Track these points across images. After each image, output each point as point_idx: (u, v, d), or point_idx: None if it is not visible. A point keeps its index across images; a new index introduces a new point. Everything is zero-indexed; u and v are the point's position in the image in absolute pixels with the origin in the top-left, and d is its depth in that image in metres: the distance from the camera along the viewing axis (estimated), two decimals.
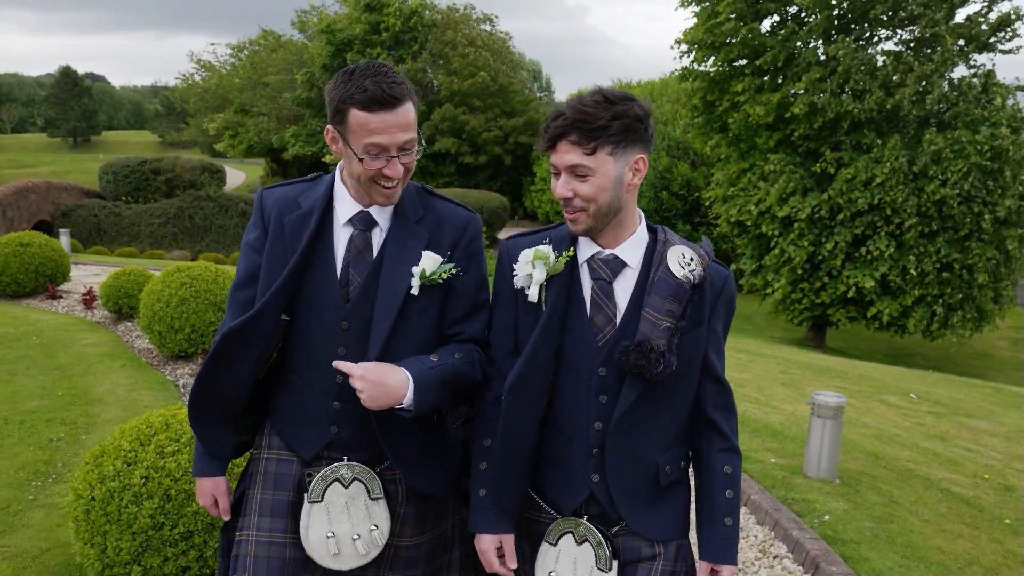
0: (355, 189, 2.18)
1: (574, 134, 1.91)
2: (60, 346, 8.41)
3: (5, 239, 11.22)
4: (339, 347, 2.16)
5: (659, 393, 2.04)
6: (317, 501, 2.16)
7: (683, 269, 2.00)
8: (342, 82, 2.04)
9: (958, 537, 4.90)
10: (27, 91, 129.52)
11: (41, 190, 26.93)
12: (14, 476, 4.97)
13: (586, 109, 1.90)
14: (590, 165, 1.93)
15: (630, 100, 1.95)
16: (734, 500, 2.09)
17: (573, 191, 1.96)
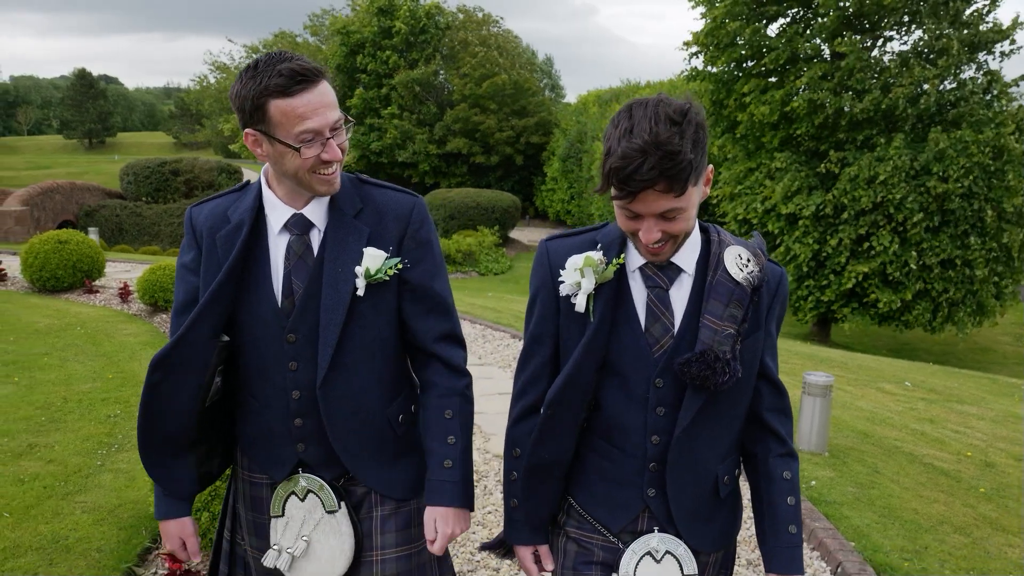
0: (288, 189, 2.02)
1: (663, 183, 1.69)
2: (103, 336, 8.99)
3: (44, 237, 11.83)
4: (290, 361, 2.04)
5: (721, 402, 1.93)
6: (279, 515, 2.13)
7: (741, 271, 1.88)
8: (249, 78, 1.87)
9: (933, 502, 5.39)
10: (43, 93, 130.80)
11: (65, 191, 27.64)
12: (81, 446, 5.53)
13: (672, 149, 1.66)
14: (682, 206, 1.75)
15: (688, 109, 1.72)
16: (796, 506, 2.00)
17: (662, 232, 1.79)
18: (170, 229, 29.67)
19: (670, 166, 1.66)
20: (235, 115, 1.93)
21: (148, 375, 1.97)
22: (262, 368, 2.06)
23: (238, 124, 2.03)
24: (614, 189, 1.74)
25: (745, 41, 20.00)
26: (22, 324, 9.42)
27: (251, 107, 1.86)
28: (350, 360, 2.03)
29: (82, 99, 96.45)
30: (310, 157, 1.89)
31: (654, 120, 1.67)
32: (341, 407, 2.05)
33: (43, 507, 4.53)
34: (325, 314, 1.99)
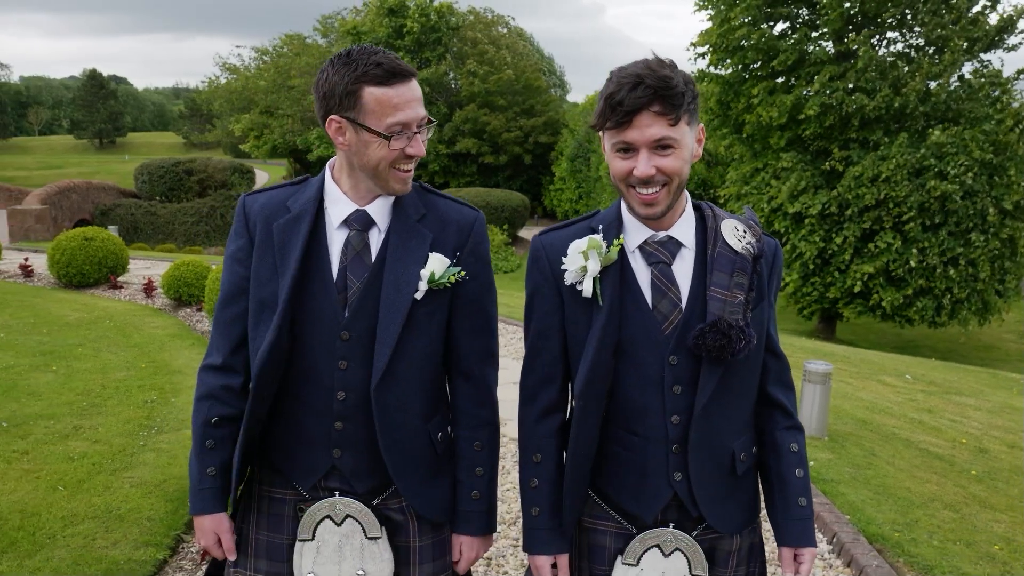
0: (355, 184, 2.00)
1: (658, 104, 1.72)
2: (132, 328, 9.36)
3: (71, 234, 12.21)
4: (339, 360, 1.98)
5: (736, 375, 1.90)
6: (307, 539, 2.03)
7: (740, 242, 1.89)
8: (343, 64, 1.87)
9: (926, 482, 5.71)
10: (54, 94, 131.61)
11: (81, 190, 28.09)
12: (123, 428, 5.88)
13: (666, 74, 1.72)
14: (677, 137, 1.76)
15: (676, 67, 1.79)
16: (804, 479, 1.98)
17: (657, 167, 1.77)
18: (184, 228, 30.08)
19: (664, 87, 1.71)
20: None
21: (257, 383, 1.93)
22: (310, 367, 1.99)
23: (317, 113, 1.95)
24: (609, 120, 1.77)
25: (752, 44, 20.29)
26: (53, 317, 9.80)
27: (343, 92, 1.86)
28: (402, 366, 1.98)
29: (93, 99, 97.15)
30: (397, 149, 1.88)
31: (646, 60, 1.77)
32: (391, 413, 1.99)
33: (94, 482, 4.88)
34: (386, 313, 1.95)
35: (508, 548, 4.41)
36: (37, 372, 7.31)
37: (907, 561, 4.30)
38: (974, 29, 18.98)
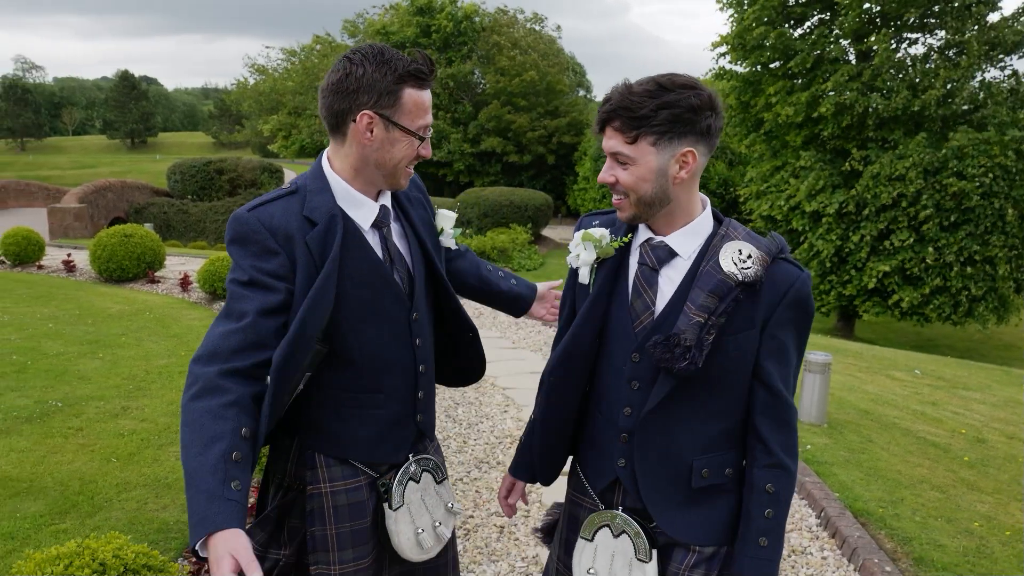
0: (366, 182, 2.08)
1: (617, 121, 1.85)
2: (170, 320, 9.87)
3: (111, 231, 12.79)
4: (416, 338, 2.16)
5: (695, 391, 1.94)
6: (400, 506, 2.13)
7: (735, 265, 1.88)
8: (381, 63, 1.94)
9: (917, 466, 6.03)
10: (87, 94, 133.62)
11: (117, 189, 28.82)
12: (166, 408, 6.35)
13: (632, 97, 1.82)
14: (630, 154, 1.86)
15: (688, 88, 1.83)
16: (775, 520, 1.94)
17: (615, 177, 1.91)
18: (215, 226, 30.73)
19: (623, 107, 1.82)
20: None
21: (275, 376, 1.85)
22: (389, 358, 2.11)
23: (333, 107, 1.98)
24: (595, 123, 1.94)
25: (771, 44, 20.54)
26: (96, 309, 10.34)
27: (384, 90, 1.92)
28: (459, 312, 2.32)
29: (125, 100, 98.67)
30: (416, 149, 2.02)
31: (644, 79, 1.87)
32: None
33: (143, 455, 5.34)
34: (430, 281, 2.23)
35: (519, 518, 4.82)
36: (85, 359, 7.82)
37: (888, 533, 4.65)
38: (995, 33, 19.11)
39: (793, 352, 1.95)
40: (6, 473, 4.96)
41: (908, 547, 4.49)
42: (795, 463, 1.98)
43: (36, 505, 4.53)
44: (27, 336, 8.71)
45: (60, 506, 4.53)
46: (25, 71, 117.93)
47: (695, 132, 1.85)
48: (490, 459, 5.82)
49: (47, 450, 5.37)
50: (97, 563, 2.71)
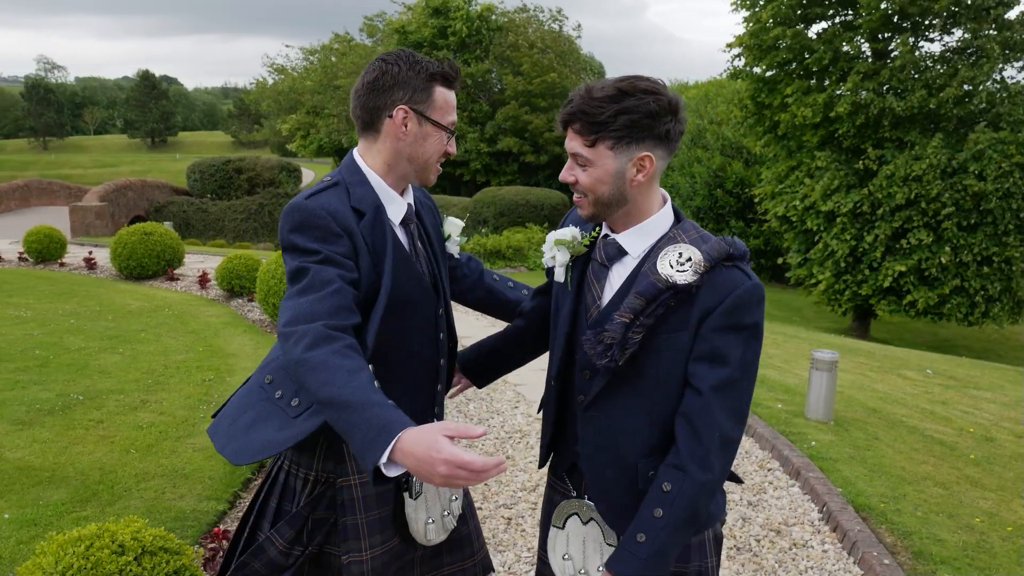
0: (397, 179, 2.18)
1: (577, 124, 1.90)
2: (189, 316, 10.04)
3: (132, 229, 13.00)
4: (440, 332, 2.28)
5: (634, 390, 1.97)
6: (419, 495, 2.22)
7: (670, 268, 1.89)
8: (414, 62, 2.08)
9: (922, 463, 6.09)
10: (108, 94, 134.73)
11: (137, 188, 29.15)
12: (184, 402, 6.50)
13: (592, 102, 1.87)
14: (588, 156, 1.91)
15: (648, 94, 1.87)
16: (660, 521, 1.89)
17: (575, 177, 1.96)
18: (234, 224, 31.02)
19: (582, 111, 1.87)
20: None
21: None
22: (415, 350, 2.21)
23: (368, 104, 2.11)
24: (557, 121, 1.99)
25: (787, 44, 20.54)
26: (117, 306, 10.54)
27: (417, 86, 2.07)
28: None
29: (145, 99, 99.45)
30: (445, 146, 2.16)
31: (606, 82, 1.89)
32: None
33: (161, 446, 5.49)
34: (444, 279, 2.32)
35: (526, 509, 4.93)
36: (105, 353, 8.00)
37: (888, 528, 4.72)
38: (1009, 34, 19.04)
39: (732, 361, 1.88)
40: (29, 463, 5.12)
41: (908, 541, 4.57)
42: (706, 474, 1.87)
43: (58, 493, 4.68)
44: (49, 331, 8.91)
45: (81, 495, 4.68)
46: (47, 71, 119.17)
47: (653, 137, 1.89)
48: (500, 454, 5.94)
49: (69, 441, 5.53)
50: (116, 545, 2.83)
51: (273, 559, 2.17)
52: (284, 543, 2.16)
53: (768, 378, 8.19)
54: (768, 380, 8.08)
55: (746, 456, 5.97)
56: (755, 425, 6.45)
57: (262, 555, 2.17)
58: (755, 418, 6.66)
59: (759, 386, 7.79)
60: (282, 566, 2.18)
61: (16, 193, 34.87)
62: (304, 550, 2.18)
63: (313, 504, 2.16)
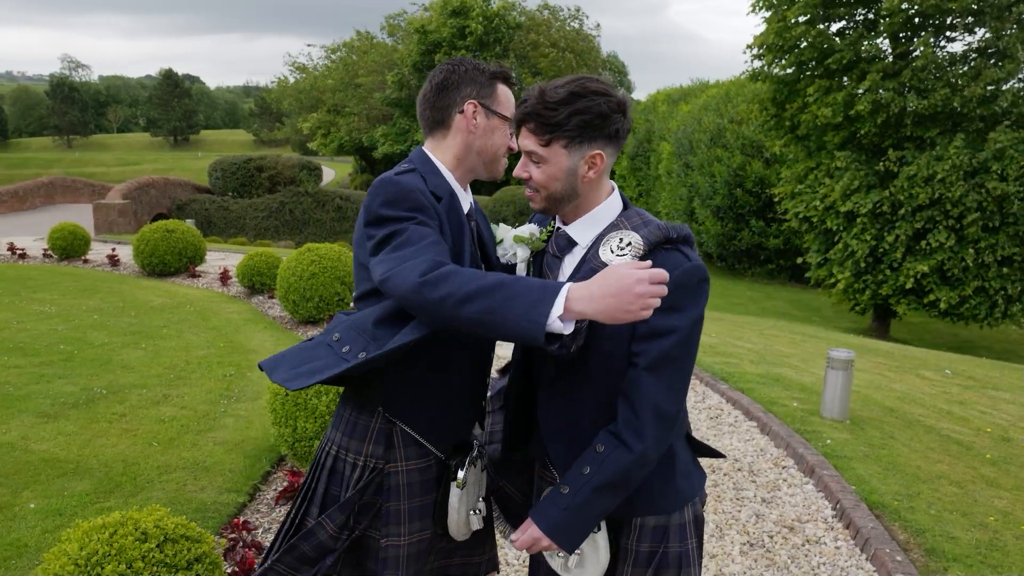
0: (464, 173, 2.29)
1: (532, 123, 1.99)
2: (210, 313, 10.17)
3: (154, 226, 13.16)
4: None
5: (583, 372, 2.04)
6: (465, 486, 2.25)
7: (611, 254, 1.97)
8: (478, 64, 2.22)
9: (938, 462, 6.09)
10: (131, 93, 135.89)
11: (159, 186, 29.40)
12: (205, 397, 6.61)
13: (547, 103, 1.96)
14: (543, 155, 2.00)
15: (599, 95, 1.97)
16: (585, 479, 1.96)
17: (529, 174, 2.06)
18: (255, 222, 31.23)
19: (537, 113, 1.97)
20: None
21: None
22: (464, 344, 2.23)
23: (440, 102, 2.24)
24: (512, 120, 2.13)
25: (809, 44, 20.46)
26: (139, 302, 10.69)
27: (485, 83, 2.22)
28: None
29: (168, 98, 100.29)
30: (510, 140, 2.28)
31: (559, 84, 1.99)
32: None
33: (183, 440, 5.59)
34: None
35: None
36: (128, 349, 8.12)
37: (902, 525, 4.74)
38: None
39: (670, 339, 1.93)
40: (54, 455, 5.23)
41: (921, 538, 4.59)
42: (639, 444, 1.93)
43: (82, 484, 4.78)
44: (74, 327, 9.05)
45: (105, 486, 4.78)
46: (72, 70, 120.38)
47: (604, 136, 2.00)
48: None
49: (93, 434, 5.64)
50: (140, 532, 2.92)
51: (322, 542, 2.22)
52: (335, 528, 2.21)
53: (784, 377, 8.20)
54: (784, 379, 8.09)
55: (761, 454, 6.00)
56: (770, 423, 6.48)
57: (312, 538, 2.22)
58: (770, 416, 6.68)
59: (775, 385, 7.81)
60: (330, 549, 2.23)
61: (41, 191, 35.27)
62: (351, 534, 2.23)
63: (363, 490, 2.21)
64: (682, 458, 2.17)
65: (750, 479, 5.54)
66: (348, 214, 32.27)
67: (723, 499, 5.20)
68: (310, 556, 2.23)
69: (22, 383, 6.83)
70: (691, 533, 2.17)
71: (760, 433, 6.48)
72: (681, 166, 34.67)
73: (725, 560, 4.40)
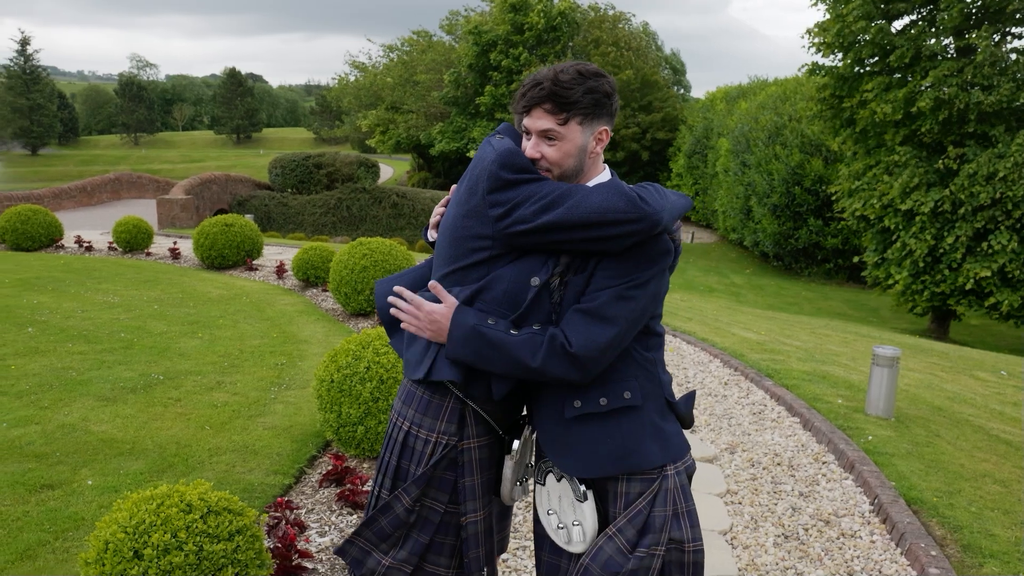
0: None
1: (549, 103, 2.11)
2: (265, 304, 10.44)
3: (213, 220, 13.54)
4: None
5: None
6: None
7: None
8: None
9: (983, 461, 6.02)
10: (196, 92, 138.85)
11: (221, 182, 30.11)
12: (256, 384, 6.82)
13: (563, 83, 2.10)
14: (561, 132, 2.13)
15: (601, 76, 2.16)
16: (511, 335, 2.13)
17: (541, 154, 2.16)
18: (313, 218, 31.76)
19: (559, 92, 2.11)
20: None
21: None
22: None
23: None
24: (517, 108, 2.20)
25: (869, 39, 20.12)
26: (198, 293, 11.02)
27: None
28: None
29: (231, 97, 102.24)
30: None
31: (565, 67, 2.15)
32: None
33: (233, 424, 5.79)
34: None
35: None
36: (185, 338, 8.40)
37: (940, 521, 4.72)
38: None
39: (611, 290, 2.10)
40: (112, 436, 5.47)
41: (958, 534, 4.56)
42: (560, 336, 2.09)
43: (137, 464, 5.00)
44: (135, 316, 9.38)
45: (158, 466, 4.99)
46: (140, 69, 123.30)
47: (609, 113, 2.20)
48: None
49: (149, 417, 5.87)
50: (185, 504, 3.08)
51: (399, 516, 2.32)
52: (410, 501, 2.31)
53: (831, 374, 8.15)
54: (831, 376, 8.05)
55: (801, 449, 6.00)
56: (813, 419, 6.46)
57: (389, 512, 2.33)
58: (813, 412, 6.67)
59: (821, 382, 7.77)
60: (405, 523, 2.33)
61: (108, 186, 36.32)
62: (422, 507, 2.33)
63: (436, 465, 2.29)
64: (652, 421, 2.24)
65: (789, 473, 5.55)
66: (404, 211, 32.62)
67: (760, 492, 5.22)
68: (387, 532, 2.35)
69: (85, 368, 7.12)
70: (673, 500, 2.24)
71: (802, 429, 6.47)
72: (738, 164, 34.34)
73: (758, 551, 4.44)
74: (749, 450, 5.97)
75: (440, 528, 2.36)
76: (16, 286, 11.04)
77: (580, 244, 2.10)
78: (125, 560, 2.92)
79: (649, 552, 2.18)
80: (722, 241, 40.86)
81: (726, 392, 7.52)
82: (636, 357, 2.23)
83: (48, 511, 4.33)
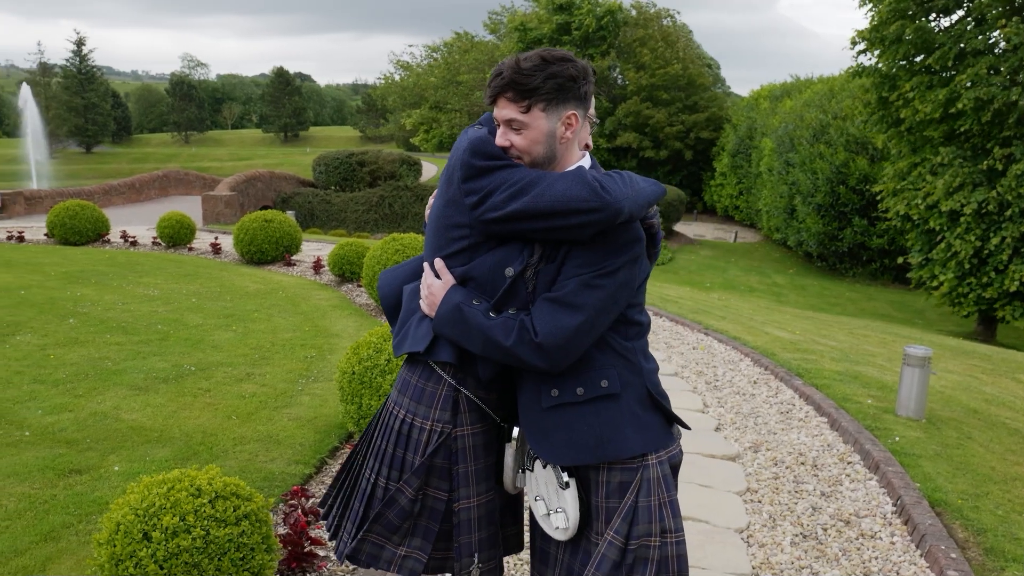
0: None
1: (511, 92, 2.13)
2: (300, 299, 10.58)
3: (253, 216, 13.74)
4: None
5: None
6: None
7: None
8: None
9: (1016, 464, 5.90)
10: (245, 91, 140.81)
11: (265, 179, 30.54)
12: (285, 376, 6.92)
13: (523, 71, 2.11)
14: (524, 120, 2.14)
15: (566, 61, 2.14)
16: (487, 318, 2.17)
17: (509, 142, 2.18)
18: (355, 215, 32.07)
19: (514, 81, 2.12)
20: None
21: None
22: None
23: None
24: (487, 99, 2.21)
25: (912, 37, 19.74)
26: (236, 287, 11.20)
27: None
28: None
29: (279, 96, 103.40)
30: None
31: (528, 55, 2.15)
32: None
33: (259, 415, 5.89)
34: None
35: None
36: (220, 330, 8.55)
37: (963, 524, 4.64)
38: None
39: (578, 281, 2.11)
40: (141, 424, 5.59)
41: (981, 537, 4.48)
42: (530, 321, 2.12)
43: (163, 451, 5.11)
44: (172, 309, 9.57)
45: (184, 453, 5.10)
46: (191, 68, 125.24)
47: (576, 97, 2.18)
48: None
49: (178, 406, 6.00)
50: (194, 488, 3.15)
51: (404, 507, 2.36)
52: (412, 492, 2.34)
53: (864, 375, 8.04)
54: (863, 376, 7.93)
55: (827, 449, 5.93)
56: (840, 419, 6.38)
57: (394, 505, 2.37)
58: (841, 412, 6.58)
59: (852, 382, 7.66)
60: (411, 513, 2.37)
61: (156, 183, 37.01)
62: (424, 496, 2.37)
63: (433, 454, 2.32)
64: (632, 410, 2.24)
65: (812, 473, 5.49)
66: None
67: (781, 491, 5.18)
68: (396, 524, 2.38)
69: (120, 359, 7.29)
70: (656, 490, 2.25)
71: (829, 429, 6.39)
72: (782, 163, 33.94)
73: (774, 550, 4.40)
74: (773, 449, 5.92)
75: (446, 516, 2.39)
76: (61, 279, 11.31)
77: (546, 233, 2.11)
78: (135, 541, 3.00)
79: (641, 543, 2.20)
80: (766, 241, 40.42)
81: (754, 391, 7.45)
82: (615, 346, 2.23)
83: (74, 495, 4.45)
